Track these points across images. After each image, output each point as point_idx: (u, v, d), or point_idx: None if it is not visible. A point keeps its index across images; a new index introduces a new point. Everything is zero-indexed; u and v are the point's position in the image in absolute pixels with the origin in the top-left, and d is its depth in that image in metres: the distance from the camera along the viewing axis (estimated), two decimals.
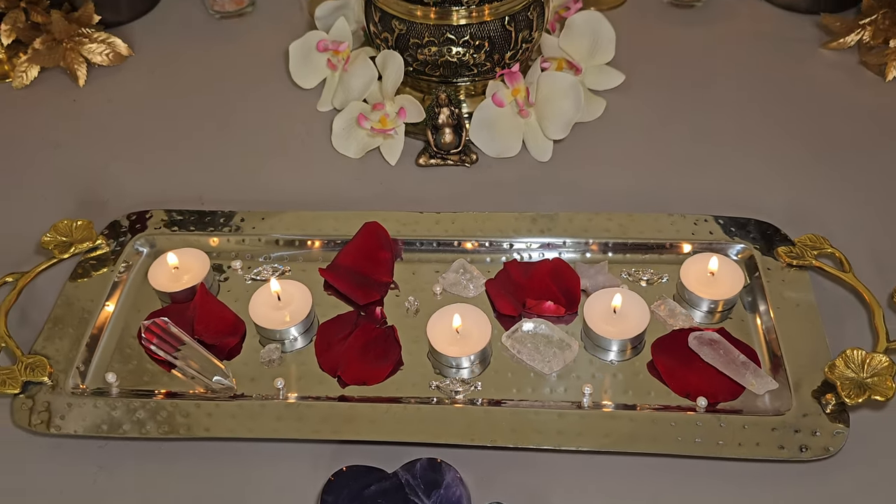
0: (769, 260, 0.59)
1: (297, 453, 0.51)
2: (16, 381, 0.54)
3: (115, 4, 0.85)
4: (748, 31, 0.82)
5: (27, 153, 0.73)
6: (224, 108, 0.77)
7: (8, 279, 0.60)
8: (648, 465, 0.49)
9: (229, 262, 0.62)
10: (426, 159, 0.70)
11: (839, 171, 0.67)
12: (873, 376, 0.50)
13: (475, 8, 0.64)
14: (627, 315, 0.55)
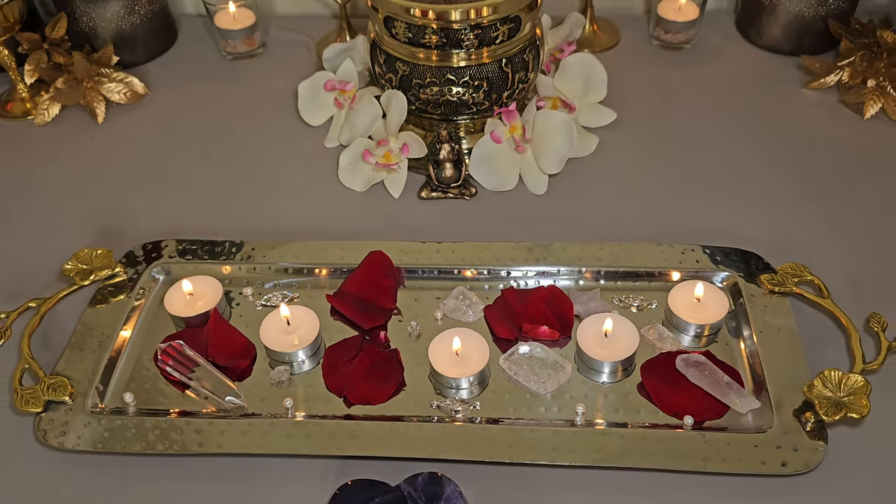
0: (752, 287, 0.62)
1: (304, 468, 0.54)
2: (38, 400, 0.57)
3: (132, 46, 0.90)
4: (734, 72, 0.86)
5: (49, 186, 0.77)
6: (235, 144, 0.81)
7: (31, 304, 0.63)
8: (638, 479, 0.52)
9: (241, 288, 0.66)
10: (428, 192, 0.73)
11: (819, 204, 0.70)
12: (849, 395, 0.53)
13: (474, 51, 0.69)
14: (618, 338, 0.59)
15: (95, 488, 0.53)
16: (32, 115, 0.85)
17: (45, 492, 0.54)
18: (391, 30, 0.69)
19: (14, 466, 0.55)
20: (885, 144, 0.76)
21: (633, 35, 0.92)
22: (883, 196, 0.71)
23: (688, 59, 0.88)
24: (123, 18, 0.87)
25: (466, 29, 0.67)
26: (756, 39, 0.89)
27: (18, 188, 0.77)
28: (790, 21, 0.85)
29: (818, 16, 0.83)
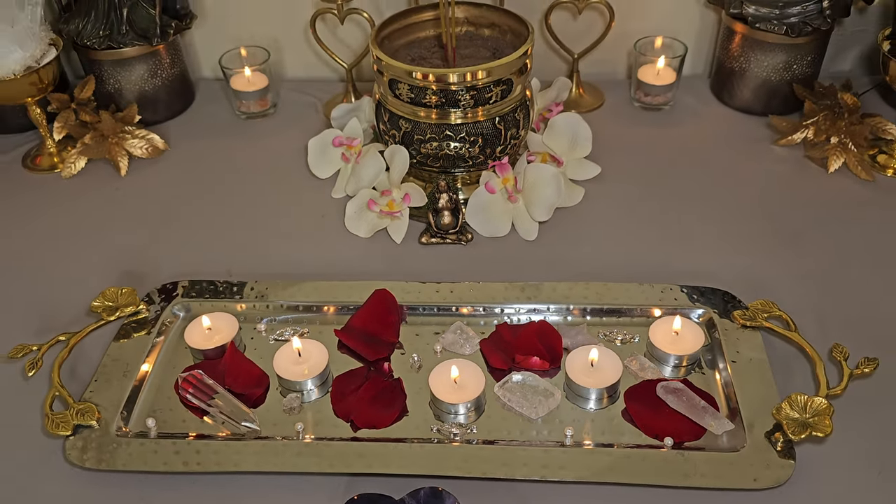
0: (726, 322, 0.68)
1: (314, 486, 0.58)
2: (68, 424, 0.61)
3: (154, 106, 0.97)
4: (709, 130, 0.94)
5: (75, 233, 0.83)
6: (249, 195, 0.87)
7: (61, 338, 0.68)
8: (623, 493, 0.56)
9: (255, 324, 0.71)
10: (428, 238, 0.79)
11: (787, 248, 0.76)
12: (814, 416, 0.58)
13: (470, 110, 0.76)
14: (603, 368, 0.64)
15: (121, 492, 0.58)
16: (59, 168, 0.91)
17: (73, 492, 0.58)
18: (395, 91, 0.76)
19: (45, 485, 0.59)
20: (847, 196, 0.83)
21: (616, 97, 1.00)
22: (844, 241, 0.77)
23: (666, 119, 0.96)
24: (147, 81, 0.95)
25: (463, 90, 0.74)
26: (729, 101, 0.96)
27: (47, 235, 0.83)
28: (759, 85, 0.93)
29: (784, 80, 0.91)
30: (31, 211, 0.86)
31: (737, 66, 0.93)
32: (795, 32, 0.87)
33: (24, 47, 0.82)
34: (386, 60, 0.75)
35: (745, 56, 0.92)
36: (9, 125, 0.97)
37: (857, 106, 0.87)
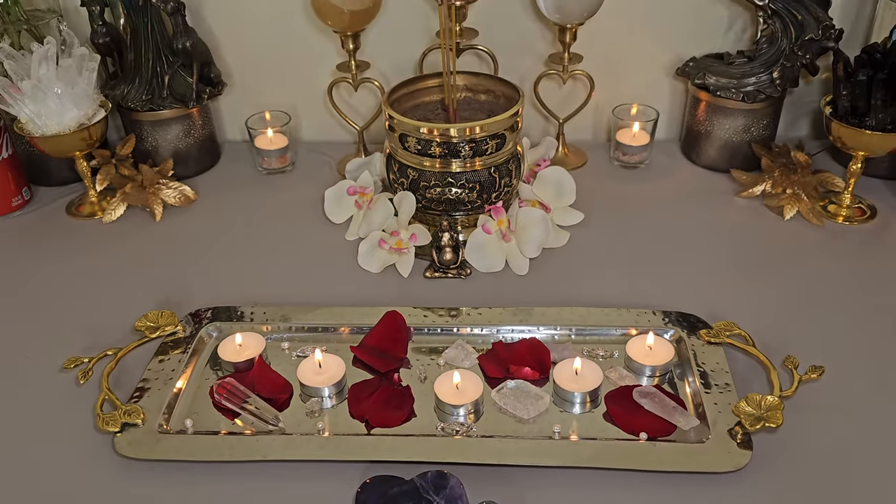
0: (694, 339, 0.78)
1: (334, 472, 0.66)
2: (116, 422, 0.70)
3: (185, 161, 1.08)
4: (680, 184, 1.05)
5: (117, 269, 0.92)
6: (270, 237, 0.97)
7: (108, 352, 0.77)
8: (604, 477, 0.65)
9: (279, 343, 0.80)
10: (431, 272, 0.89)
11: (747, 281, 0.87)
12: (767, 411, 0.67)
13: (469, 160, 0.87)
14: (586, 376, 0.73)
15: (162, 489, 0.65)
16: (99, 214, 1.02)
17: (122, 493, 0.65)
18: (404, 144, 0.88)
19: (96, 473, 0.67)
20: (800, 239, 0.94)
21: (598, 157, 1.12)
22: (796, 274, 0.87)
23: (642, 175, 1.08)
24: (181, 139, 1.07)
25: (463, 143, 0.86)
26: (697, 160, 1.09)
27: (93, 269, 0.92)
28: (722, 145, 1.05)
29: (744, 141, 1.04)
30: (77, 250, 0.96)
31: (703, 129, 1.06)
32: (751, 99, 1.00)
33: (80, 107, 0.94)
34: (398, 118, 0.87)
35: (709, 120, 1.05)
36: (54, 178, 1.08)
37: (808, 163, 0.99)
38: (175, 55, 1.03)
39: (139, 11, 0.99)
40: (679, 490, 0.64)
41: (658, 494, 0.64)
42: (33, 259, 0.95)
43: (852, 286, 0.86)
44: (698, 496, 0.64)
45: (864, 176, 1.02)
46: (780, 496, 0.63)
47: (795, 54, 0.97)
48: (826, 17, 0.95)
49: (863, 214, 0.97)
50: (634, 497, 0.64)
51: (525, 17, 1.07)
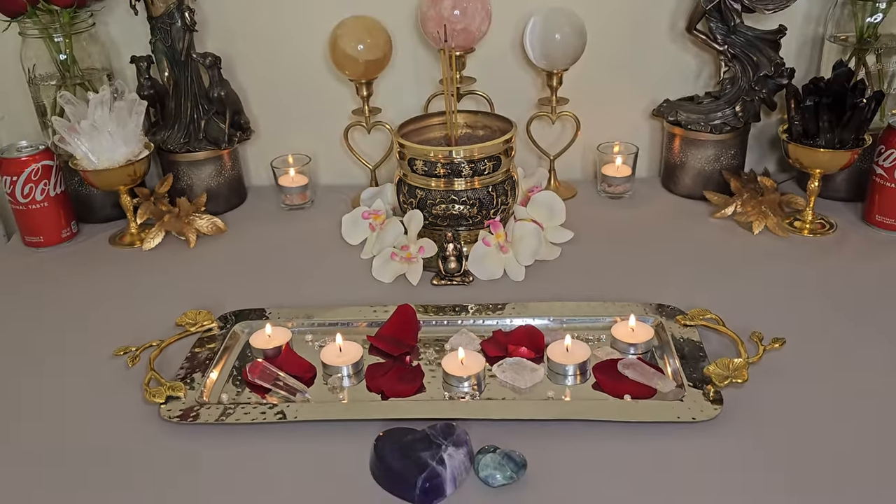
0: (672, 324, 0.87)
1: (355, 431, 0.74)
2: (162, 395, 0.79)
3: (216, 199, 1.21)
4: (660, 210, 1.17)
5: (156, 285, 1.02)
6: (293, 259, 1.08)
7: (153, 343, 0.87)
8: (594, 428, 0.73)
9: (304, 336, 0.90)
10: (438, 280, 1.00)
11: (720, 281, 0.96)
12: (734, 371, 0.76)
13: (469, 179, 1.00)
14: (576, 352, 0.82)
15: (205, 448, 0.74)
16: (138, 244, 1.13)
17: (167, 451, 0.74)
18: (413, 167, 1.01)
19: (145, 436, 0.76)
20: (768, 248, 1.04)
21: (586, 191, 1.24)
22: (764, 274, 0.98)
23: (626, 203, 1.20)
24: (212, 178, 1.20)
25: (464, 163, 0.98)
26: (675, 189, 1.21)
27: (133, 287, 1.03)
28: (696, 174, 1.18)
29: (715, 169, 1.16)
30: (119, 270, 1.07)
31: (678, 161, 1.19)
32: (718, 131, 1.13)
33: (128, 145, 1.08)
34: (408, 145, 1.00)
35: (683, 152, 1.17)
36: (97, 216, 1.21)
37: (773, 186, 1.11)
38: (210, 103, 1.17)
39: (181, 65, 1.14)
40: (660, 439, 0.73)
41: (642, 442, 0.72)
42: (82, 278, 1.06)
43: (813, 281, 0.96)
44: (677, 443, 0.72)
45: (825, 199, 1.15)
46: (747, 442, 0.72)
47: (753, 90, 1.11)
48: (777, 57, 1.09)
49: (824, 227, 1.08)
50: (621, 445, 0.72)
51: (517, 66, 1.22)
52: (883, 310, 0.90)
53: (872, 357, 0.82)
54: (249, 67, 1.24)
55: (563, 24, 1.10)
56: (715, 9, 1.09)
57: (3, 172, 1.09)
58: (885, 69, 1.09)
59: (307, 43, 1.21)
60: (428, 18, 1.09)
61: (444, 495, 0.67)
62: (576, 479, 0.69)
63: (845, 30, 1.10)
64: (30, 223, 1.12)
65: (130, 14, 1.18)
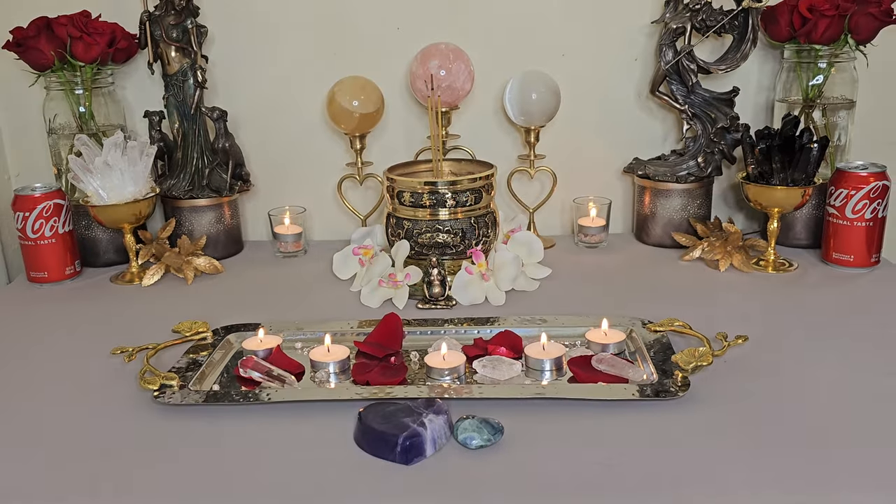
0: (642, 330, 0.93)
1: (342, 409, 0.78)
2: (156, 383, 0.82)
3: (214, 245, 1.27)
4: (633, 257, 1.24)
5: (155, 313, 1.07)
6: (287, 294, 1.14)
7: (149, 346, 0.91)
8: (570, 406, 0.77)
9: (294, 343, 0.94)
10: (423, 304, 1.06)
11: (688, 308, 1.02)
12: (699, 357, 0.81)
13: (453, 209, 1.07)
14: (551, 350, 0.87)
15: (196, 428, 0.77)
16: (136, 281, 1.19)
17: (159, 429, 0.77)
18: (401, 199, 1.09)
19: (141, 416, 0.79)
20: (734, 281, 1.11)
21: (564, 241, 1.32)
22: (730, 300, 1.04)
23: (601, 252, 1.27)
24: (212, 225, 1.27)
25: (448, 194, 1.07)
26: (646, 240, 1.29)
27: (132, 315, 1.07)
28: (666, 223, 1.26)
29: (683, 218, 1.25)
30: (120, 302, 1.12)
31: (648, 212, 1.27)
32: (683, 181, 1.23)
33: (137, 184, 1.16)
34: (398, 179, 1.09)
35: (653, 203, 1.26)
36: (100, 260, 1.27)
37: (738, 232, 1.19)
38: (215, 154, 1.26)
39: (191, 119, 1.24)
40: (632, 415, 0.76)
41: (611, 416, 0.76)
42: (84, 308, 1.10)
43: (775, 306, 1.02)
44: (647, 417, 0.76)
45: (787, 246, 1.23)
46: (712, 417, 0.76)
47: (713, 142, 1.21)
48: (732, 112, 1.21)
49: (786, 266, 1.15)
50: (593, 418, 0.76)
51: (497, 126, 1.33)
52: (837, 325, 0.96)
53: (826, 358, 0.87)
54: (250, 126, 1.34)
55: (538, 84, 1.22)
56: (674, 70, 1.21)
57: (17, 208, 1.16)
58: (831, 122, 1.20)
59: (305, 105, 1.33)
60: (417, 77, 1.21)
61: (424, 455, 0.70)
62: (550, 446, 0.72)
63: (792, 92, 1.23)
64: (37, 259, 1.18)
65: (145, 78, 1.30)
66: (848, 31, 1.14)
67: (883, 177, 1.10)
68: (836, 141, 1.20)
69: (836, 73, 1.19)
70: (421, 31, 1.27)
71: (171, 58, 1.22)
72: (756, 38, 1.19)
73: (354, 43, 1.30)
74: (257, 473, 0.69)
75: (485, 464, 0.70)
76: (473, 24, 1.29)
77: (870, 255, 1.12)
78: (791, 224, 1.23)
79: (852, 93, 1.20)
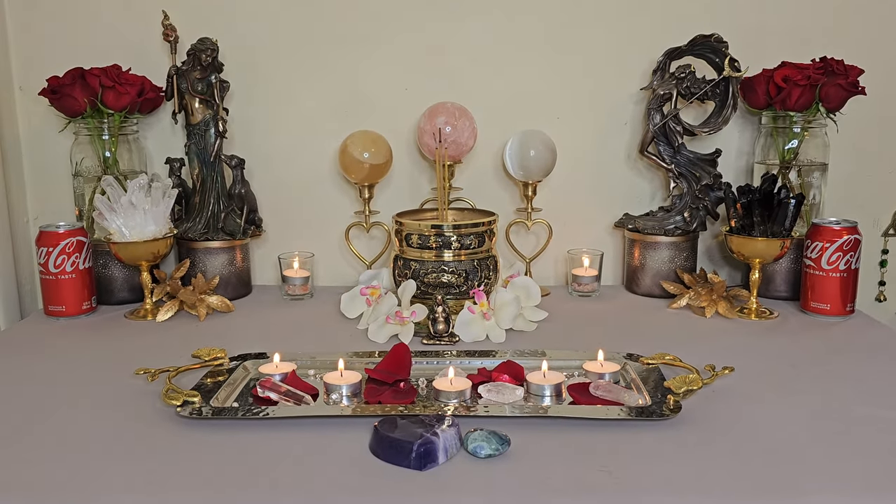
0: (636, 364, 0.99)
1: (359, 424, 0.83)
2: (179, 399, 0.87)
3: (225, 286, 1.33)
4: (624, 305, 1.31)
5: (169, 346, 1.12)
6: (295, 333, 1.19)
7: (170, 368, 0.96)
8: (570, 424, 0.82)
9: (307, 370, 0.99)
10: (427, 339, 1.11)
11: (674, 347, 1.09)
12: (689, 382, 0.87)
13: (457, 251, 1.15)
14: (551, 377, 0.93)
15: (215, 440, 0.82)
16: (149, 317, 1.24)
17: (182, 439, 0.82)
18: (409, 241, 1.16)
19: (162, 430, 0.83)
20: (719, 327, 1.18)
21: (559, 291, 1.39)
22: (715, 343, 1.11)
23: (594, 300, 1.34)
24: (225, 267, 1.33)
25: (453, 237, 1.14)
26: (636, 290, 1.36)
27: (146, 346, 1.12)
28: (654, 274, 1.34)
29: (671, 269, 1.33)
30: (138, 334, 1.17)
31: (638, 264, 1.35)
32: (671, 234, 1.31)
33: (157, 223, 1.22)
34: (406, 222, 1.17)
35: (642, 255, 1.34)
36: (114, 298, 1.32)
37: (722, 282, 1.27)
38: (230, 199, 1.34)
39: (210, 165, 1.32)
40: (628, 434, 0.82)
41: (611, 434, 0.81)
42: (102, 339, 1.15)
43: (758, 348, 1.09)
44: (642, 436, 0.81)
45: (768, 298, 1.31)
46: (702, 438, 0.82)
47: (698, 198, 1.30)
48: (715, 171, 1.30)
49: (767, 314, 1.22)
50: (595, 435, 0.81)
51: (496, 181, 1.42)
52: (815, 364, 1.02)
53: (806, 388, 0.94)
54: (263, 175, 1.42)
55: (537, 142, 1.31)
56: (661, 132, 1.32)
57: (41, 244, 1.22)
58: (806, 183, 1.30)
59: (316, 157, 1.41)
60: (424, 132, 1.31)
61: (437, 462, 0.75)
62: (554, 457, 0.77)
63: (770, 155, 1.33)
64: (57, 293, 1.23)
65: (165, 129, 1.39)
66: (819, 100, 1.25)
67: (854, 231, 1.19)
68: (811, 199, 1.30)
69: (810, 138, 1.30)
70: (427, 92, 1.37)
71: (195, 109, 1.31)
72: (736, 104, 1.30)
73: (365, 101, 1.40)
74: (280, 477, 0.74)
75: (494, 471, 0.75)
76: (476, 88, 1.39)
77: (844, 304, 1.20)
78: (771, 277, 1.31)
79: (825, 156, 1.30)
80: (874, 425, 0.83)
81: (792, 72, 1.25)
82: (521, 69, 1.39)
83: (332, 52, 1.39)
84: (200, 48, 1.29)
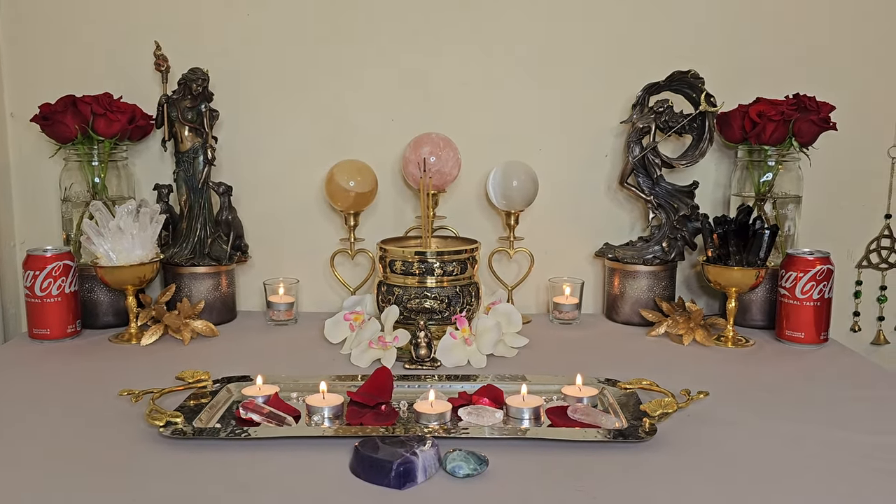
0: (613, 389, 1.01)
1: (339, 444, 0.84)
2: (162, 419, 0.88)
3: (210, 311, 1.34)
4: (603, 333, 1.33)
5: (153, 369, 1.13)
6: (280, 358, 1.20)
7: (154, 390, 0.97)
8: (547, 446, 0.84)
9: (289, 394, 1.00)
10: (409, 364, 1.13)
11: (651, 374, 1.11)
12: (665, 405, 0.89)
13: (440, 277, 1.17)
14: (530, 401, 0.95)
15: (197, 459, 0.82)
16: (133, 341, 1.25)
17: (164, 458, 0.82)
18: (392, 268, 1.18)
19: (146, 448, 0.84)
20: (696, 354, 1.20)
21: (540, 319, 1.41)
22: (690, 370, 1.13)
23: (574, 329, 1.36)
24: (210, 292, 1.35)
25: (436, 263, 1.16)
26: (616, 318, 1.39)
27: (130, 369, 1.13)
28: (633, 302, 1.36)
29: (650, 298, 1.35)
30: (122, 358, 1.18)
31: (618, 292, 1.38)
32: (649, 263, 1.34)
33: (144, 248, 1.24)
34: (390, 249, 1.19)
35: (622, 283, 1.37)
36: (99, 322, 1.33)
37: (700, 311, 1.29)
38: (217, 226, 1.36)
39: (198, 192, 1.34)
40: (605, 456, 0.83)
41: (590, 456, 0.83)
42: (84, 364, 1.16)
43: (734, 375, 1.11)
44: (618, 458, 0.83)
45: (745, 327, 1.33)
46: (677, 460, 0.83)
47: (676, 228, 1.34)
48: (693, 202, 1.34)
49: (743, 342, 1.25)
50: (572, 459, 0.83)
51: (479, 210, 1.45)
52: (789, 389, 1.05)
53: (779, 412, 0.96)
54: (250, 202, 1.44)
55: (520, 172, 1.35)
56: (640, 164, 1.35)
57: (28, 267, 1.23)
58: (780, 214, 1.33)
59: (302, 185, 1.44)
60: (409, 161, 1.33)
61: (416, 481, 0.76)
62: (532, 477, 0.78)
63: (745, 188, 1.36)
64: (42, 316, 1.24)
65: (154, 157, 1.41)
66: (792, 135, 1.29)
67: (827, 261, 1.22)
68: (785, 231, 1.34)
69: (784, 172, 1.33)
70: (413, 123, 1.40)
71: (185, 136, 1.33)
72: (712, 137, 1.34)
73: (351, 131, 1.43)
74: (261, 497, 0.75)
75: (472, 491, 0.76)
76: (461, 119, 1.42)
77: (818, 332, 1.23)
78: (747, 307, 1.34)
79: (798, 188, 1.34)
80: (848, 449, 0.85)
81: (766, 107, 1.29)
82: (505, 102, 1.43)
83: (319, 82, 1.42)
84: (191, 78, 1.32)
